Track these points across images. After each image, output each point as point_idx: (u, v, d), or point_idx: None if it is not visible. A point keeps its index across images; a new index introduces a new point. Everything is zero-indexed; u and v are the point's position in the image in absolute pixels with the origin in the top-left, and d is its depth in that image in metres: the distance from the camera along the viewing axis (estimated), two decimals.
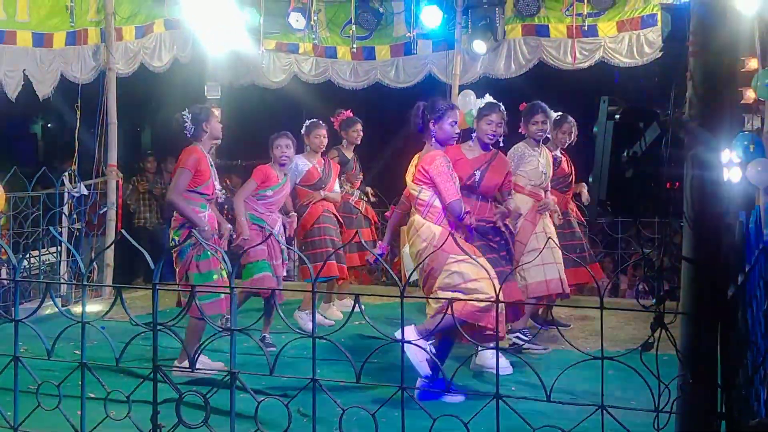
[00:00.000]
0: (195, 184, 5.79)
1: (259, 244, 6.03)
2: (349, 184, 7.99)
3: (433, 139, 5.37)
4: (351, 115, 7.99)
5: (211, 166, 5.94)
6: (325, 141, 7.51)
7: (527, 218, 6.44)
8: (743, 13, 6.36)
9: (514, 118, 6.57)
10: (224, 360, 5.86)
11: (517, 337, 6.27)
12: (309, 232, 7.36)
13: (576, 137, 7.25)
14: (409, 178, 5.40)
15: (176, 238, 5.74)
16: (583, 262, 6.77)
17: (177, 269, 5.84)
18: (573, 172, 7.32)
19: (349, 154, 8.02)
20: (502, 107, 5.97)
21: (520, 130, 6.63)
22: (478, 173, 5.82)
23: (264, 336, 6.56)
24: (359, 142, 8.02)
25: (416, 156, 5.47)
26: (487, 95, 6.34)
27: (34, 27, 9.59)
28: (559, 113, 7.19)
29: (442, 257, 5.05)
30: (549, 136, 6.87)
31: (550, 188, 6.76)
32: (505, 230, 5.89)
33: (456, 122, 5.42)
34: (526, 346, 6.29)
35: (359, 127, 7.98)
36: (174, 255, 5.79)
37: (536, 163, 6.59)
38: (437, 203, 5.25)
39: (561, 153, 7.25)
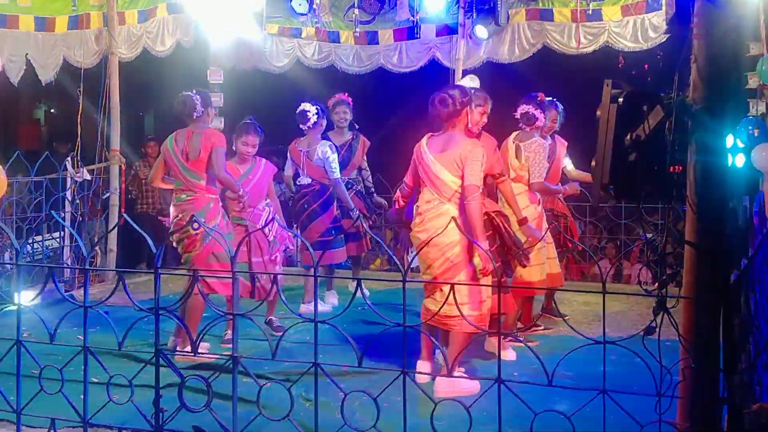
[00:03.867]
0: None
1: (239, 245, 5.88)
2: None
3: (457, 127, 5.29)
4: (338, 97, 7.91)
5: None
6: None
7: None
8: None
9: (516, 102, 6.54)
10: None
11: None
12: None
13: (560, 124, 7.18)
14: (444, 173, 5.21)
15: (200, 219, 5.70)
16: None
17: (194, 252, 5.83)
18: (556, 159, 7.24)
19: (339, 140, 7.89)
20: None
21: (538, 123, 6.49)
22: None
23: (270, 319, 6.54)
24: (343, 125, 7.92)
25: (423, 144, 5.38)
26: (467, 78, 6.31)
27: (36, 11, 9.56)
28: (548, 98, 7.10)
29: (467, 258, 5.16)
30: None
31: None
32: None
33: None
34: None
35: (341, 108, 7.87)
36: (190, 238, 5.78)
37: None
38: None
39: (550, 137, 7.19)
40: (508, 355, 5.82)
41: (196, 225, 5.63)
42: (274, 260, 6.52)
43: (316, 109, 7.33)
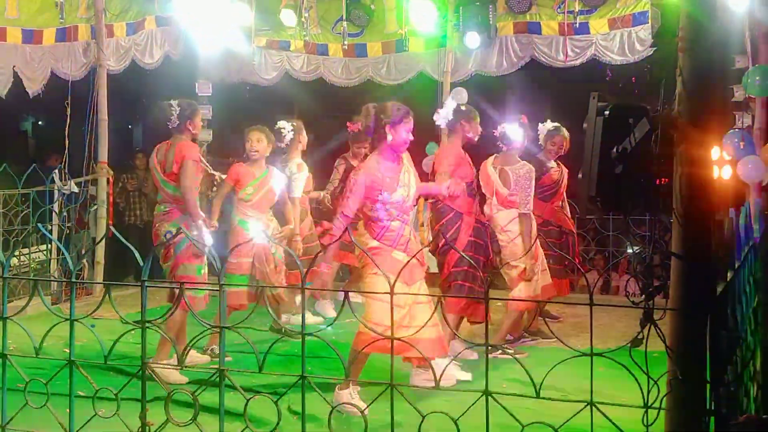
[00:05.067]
0: None
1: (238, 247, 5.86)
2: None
3: (382, 143, 5.12)
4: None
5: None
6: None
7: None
8: (734, 11, 6.39)
9: (504, 115, 6.57)
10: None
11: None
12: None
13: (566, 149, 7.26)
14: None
15: (172, 230, 5.71)
16: (554, 273, 6.85)
17: (169, 263, 5.81)
18: (563, 181, 7.31)
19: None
20: None
21: (515, 144, 6.50)
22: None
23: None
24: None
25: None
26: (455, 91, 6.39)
27: (24, 23, 9.55)
28: (555, 124, 7.19)
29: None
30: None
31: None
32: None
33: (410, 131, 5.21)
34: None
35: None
36: (165, 248, 5.77)
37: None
38: (371, 213, 5.16)
39: (555, 162, 7.28)
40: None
41: (168, 236, 5.67)
42: (279, 270, 6.54)
43: (291, 125, 7.33)
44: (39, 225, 5.97)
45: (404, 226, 5.09)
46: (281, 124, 7.34)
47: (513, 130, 6.40)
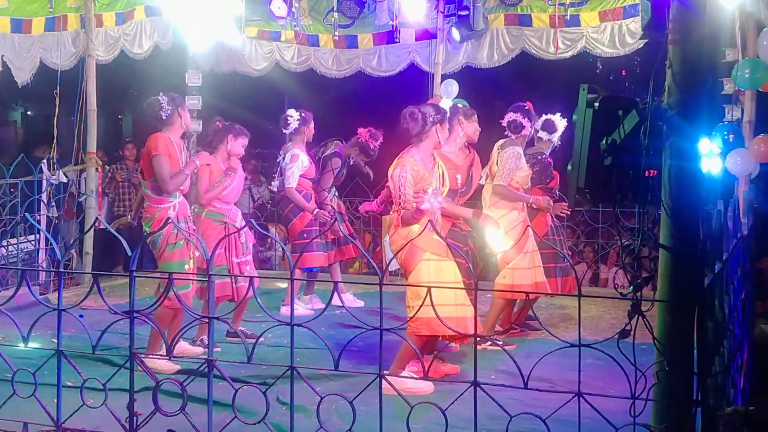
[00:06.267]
0: None
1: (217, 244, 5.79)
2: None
3: (426, 142, 5.32)
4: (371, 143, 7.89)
5: (183, 153, 5.87)
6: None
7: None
8: (724, 4, 6.40)
9: (495, 107, 6.56)
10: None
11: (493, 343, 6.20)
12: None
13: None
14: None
15: (147, 229, 5.66)
16: (558, 272, 6.85)
17: (156, 254, 5.79)
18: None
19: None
20: None
21: (524, 132, 6.52)
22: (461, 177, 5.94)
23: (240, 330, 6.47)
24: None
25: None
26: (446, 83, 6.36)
27: (13, 12, 9.49)
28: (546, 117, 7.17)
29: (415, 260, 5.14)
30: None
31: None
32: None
33: None
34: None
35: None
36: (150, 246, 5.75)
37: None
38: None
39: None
40: None
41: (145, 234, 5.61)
42: (248, 261, 6.49)
43: (299, 115, 7.44)
44: (27, 215, 5.93)
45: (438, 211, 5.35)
46: (290, 112, 7.51)
47: (519, 117, 6.45)
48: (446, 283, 5.13)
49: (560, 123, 6.85)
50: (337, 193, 7.98)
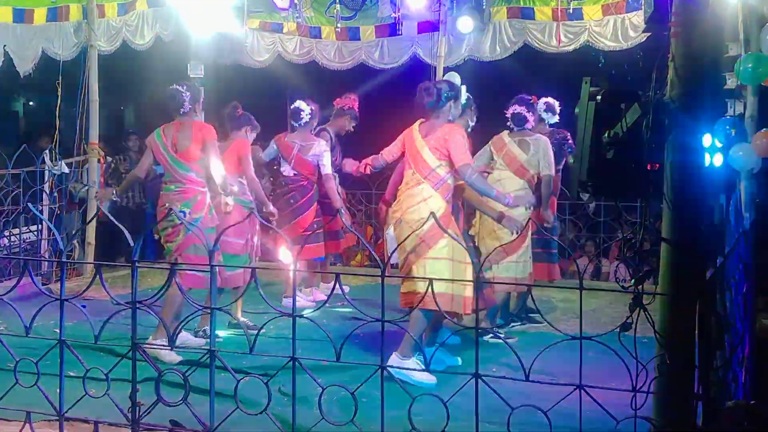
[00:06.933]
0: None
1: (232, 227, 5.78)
2: None
3: (440, 117, 5.40)
4: (356, 107, 7.95)
5: None
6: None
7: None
8: None
9: (497, 100, 6.56)
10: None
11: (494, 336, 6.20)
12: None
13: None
14: (426, 151, 5.33)
15: (185, 210, 5.69)
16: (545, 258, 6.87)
17: (176, 242, 5.78)
18: None
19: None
20: None
21: (527, 125, 6.52)
22: None
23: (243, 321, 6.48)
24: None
25: (415, 127, 5.44)
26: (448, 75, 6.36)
27: (15, 2, 9.49)
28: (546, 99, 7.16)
29: (437, 234, 5.12)
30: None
31: None
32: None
33: None
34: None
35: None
36: (174, 228, 5.76)
37: None
38: (451, 182, 5.36)
39: None
40: None
41: (180, 215, 5.62)
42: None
43: (310, 109, 7.46)
44: (30, 204, 5.94)
45: None
46: (300, 104, 7.48)
47: (524, 111, 6.46)
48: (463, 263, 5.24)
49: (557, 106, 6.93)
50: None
